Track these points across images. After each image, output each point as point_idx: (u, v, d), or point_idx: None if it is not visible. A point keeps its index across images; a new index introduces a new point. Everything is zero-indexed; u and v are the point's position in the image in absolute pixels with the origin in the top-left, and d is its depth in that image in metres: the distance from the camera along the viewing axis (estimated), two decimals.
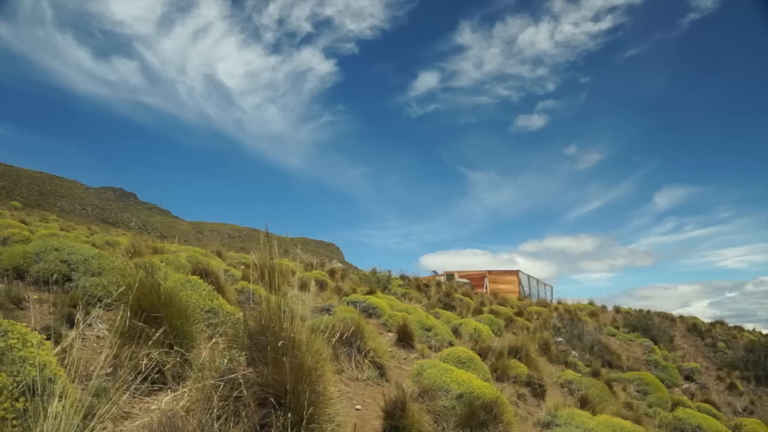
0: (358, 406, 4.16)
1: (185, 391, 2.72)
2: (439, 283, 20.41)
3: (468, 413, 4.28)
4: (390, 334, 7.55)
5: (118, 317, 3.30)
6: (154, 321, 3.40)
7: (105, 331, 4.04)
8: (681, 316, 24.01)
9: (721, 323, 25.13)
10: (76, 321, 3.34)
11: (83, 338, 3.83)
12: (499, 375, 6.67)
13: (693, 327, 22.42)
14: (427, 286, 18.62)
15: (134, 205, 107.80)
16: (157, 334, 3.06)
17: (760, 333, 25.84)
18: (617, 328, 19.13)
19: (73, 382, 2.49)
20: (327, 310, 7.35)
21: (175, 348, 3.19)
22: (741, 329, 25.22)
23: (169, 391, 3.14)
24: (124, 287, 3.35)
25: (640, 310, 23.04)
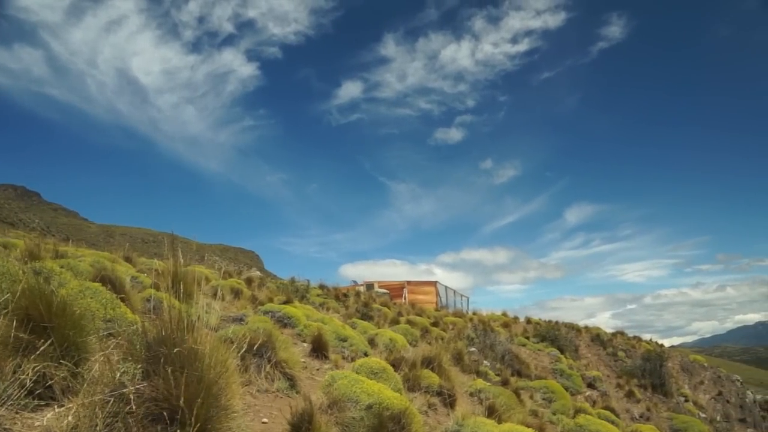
0: (265, 419, 4.07)
1: (71, 408, 2.55)
2: (358, 293, 20.43)
3: (376, 424, 4.29)
4: (305, 344, 7.47)
5: (2, 327, 3.05)
6: (44, 331, 3.17)
7: None
8: (586, 327, 25.39)
9: (622, 333, 26.88)
10: None
11: None
12: (412, 385, 6.75)
13: (596, 337, 23.73)
14: (345, 296, 18.58)
15: (37, 205, 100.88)
16: (44, 346, 2.85)
17: (656, 343, 27.87)
18: (527, 338, 19.91)
19: None
20: (240, 320, 7.15)
21: (62, 361, 2.99)
22: (639, 339, 27.11)
23: (56, 406, 2.93)
24: (9, 294, 3.10)
25: (549, 321, 24.14)
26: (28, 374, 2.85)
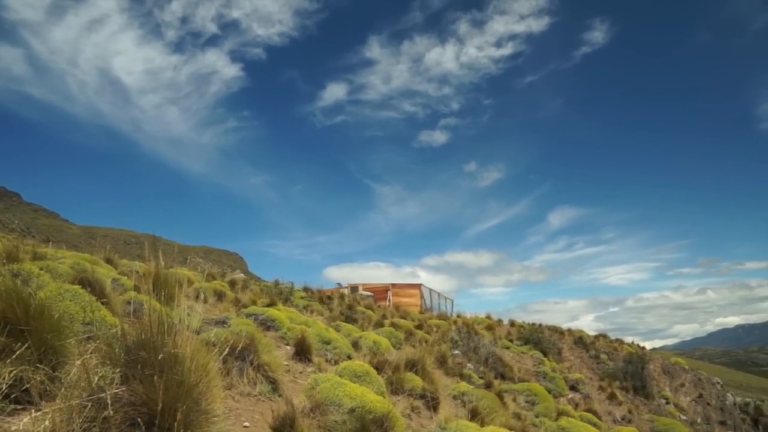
0: (247, 423, 4.05)
1: (48, 412, 2.51)
2: (342, 296, 20.37)
3: (359, 427, 4.29)
4: (288, 347, 7.43)
5: None
6: (21, 334, 3.12)
7: None
8: (569, 330, 25.57)
9: (604, 336, 27.13)
10: None
11: None
12: (395, 388, 6.74)
13: (579, 340, 23.92)
14: (330, 298, 18.52)
15: (17, 206, 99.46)
16: (22, 349, 2.81)
17: (637, 345, 28.19)
18: (511, 341, 20.02)
19: None
20: (222, 323, 7.10)
21: (39, 365, 2.94)
22: (621, 342, 27.39)
23: (33, 411, 2.89)
24: None
25: (533, 324, 24.29)
26: (4, 378, 2.80)
